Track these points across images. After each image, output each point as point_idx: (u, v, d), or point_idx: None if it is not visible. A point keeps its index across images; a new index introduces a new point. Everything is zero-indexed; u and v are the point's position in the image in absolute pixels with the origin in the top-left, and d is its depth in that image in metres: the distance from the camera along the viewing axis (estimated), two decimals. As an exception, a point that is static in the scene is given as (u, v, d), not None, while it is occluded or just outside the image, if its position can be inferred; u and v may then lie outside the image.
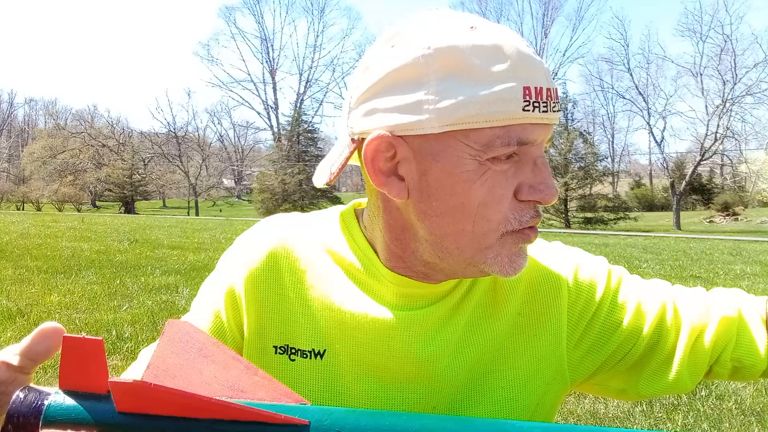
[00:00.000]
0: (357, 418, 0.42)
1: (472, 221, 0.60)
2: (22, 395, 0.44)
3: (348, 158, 0.65)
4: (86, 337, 0.43)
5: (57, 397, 0.44)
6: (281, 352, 0.69)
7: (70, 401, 0.43)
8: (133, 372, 0.68)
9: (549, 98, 0.58)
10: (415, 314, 0.67)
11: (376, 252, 0.69)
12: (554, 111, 0.59)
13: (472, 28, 0.59)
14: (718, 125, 31.58)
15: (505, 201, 0.60)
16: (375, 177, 0.62)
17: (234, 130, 66.03)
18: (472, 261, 0.63)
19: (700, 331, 0.69)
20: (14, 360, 0.49)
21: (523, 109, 0.57)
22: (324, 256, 0.71)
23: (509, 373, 0.70)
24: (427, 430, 0.41)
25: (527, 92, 0.57)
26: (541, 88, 0.58)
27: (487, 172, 0.59)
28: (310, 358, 0.69)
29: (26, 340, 0.50)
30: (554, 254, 0.75)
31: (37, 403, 0.44)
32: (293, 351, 0.69)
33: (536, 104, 0.57)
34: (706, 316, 0.70)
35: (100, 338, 0.43)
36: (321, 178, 0.68)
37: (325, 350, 0.68)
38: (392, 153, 0.61)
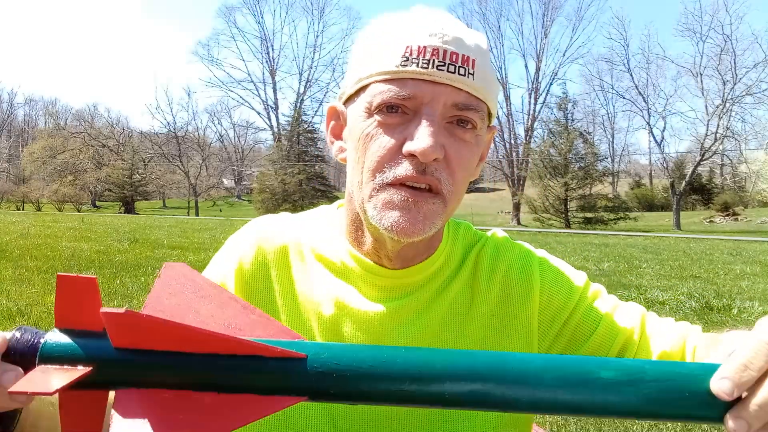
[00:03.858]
0: (354, 352, 0.42)
1: (361, 172, 0.65)
2: (18, 334, 0.44)
3: None
4: (80, 275, 0.43)
5: (53, 336, 0.43)
6: None
7: (65, 339, 0.43)
8: None
9: (435, 56, 0.61)
10: (389, 306, 0.69)
11: (351, 246, 0.73)
12: (442, 69, 0.61)
13: (409, 9, 0.66)
14: (718, 125, 31.53)
15: (386, 152, 0.63)
16: (327, 138, 0.74)
17: (234, 130, 66.13)
18: (365, 216, 0.66)
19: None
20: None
21: (401, 64, 0.61)
22: (308, 253, 0.75)
23: None
24: (423, 363, 0.41)
25: (408, 49, 0.61)
26: (425, 47, 0.61)
27: (373, 123, 0.63)
28: None
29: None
30: (533, 260, 0.76)
31: (33, 341, 0.43)
32: None
33: (415, 60, 0.61)
34: (667, 349, 0.68)
35: (94, 276, 0.43)
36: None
37: None
38: (339, 121, 0.71)
